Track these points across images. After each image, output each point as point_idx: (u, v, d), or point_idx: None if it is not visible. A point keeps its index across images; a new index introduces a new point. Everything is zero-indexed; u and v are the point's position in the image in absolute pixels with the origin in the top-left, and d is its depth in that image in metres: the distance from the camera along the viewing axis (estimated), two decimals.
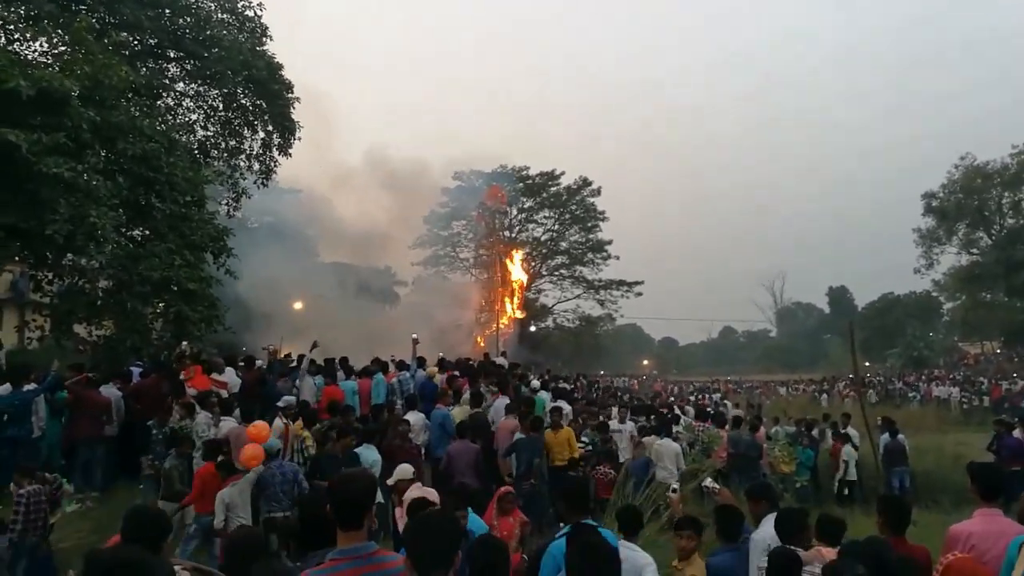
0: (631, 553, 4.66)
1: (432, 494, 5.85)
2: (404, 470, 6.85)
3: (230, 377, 11.72)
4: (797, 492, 13.62)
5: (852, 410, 18.27)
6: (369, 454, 8.42)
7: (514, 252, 43.73)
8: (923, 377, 42.10)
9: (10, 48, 13.79)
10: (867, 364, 53.44)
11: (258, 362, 13.24)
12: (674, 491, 6.25)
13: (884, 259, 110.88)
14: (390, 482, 6.87)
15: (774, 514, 5.02)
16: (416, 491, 6.33)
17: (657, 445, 11.72)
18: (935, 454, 17.51)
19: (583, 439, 11.61)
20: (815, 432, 16.02)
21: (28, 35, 14.64)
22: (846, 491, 14.45)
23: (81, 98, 12.29)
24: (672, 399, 28.02)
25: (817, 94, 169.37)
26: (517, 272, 42.48)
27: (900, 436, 14.98)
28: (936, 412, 29.80)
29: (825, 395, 38.06)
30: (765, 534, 5.01)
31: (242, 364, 12.46)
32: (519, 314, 42.54)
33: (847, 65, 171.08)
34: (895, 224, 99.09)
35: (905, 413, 25.97)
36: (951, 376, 40.64)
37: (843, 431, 15.72)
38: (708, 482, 6.45)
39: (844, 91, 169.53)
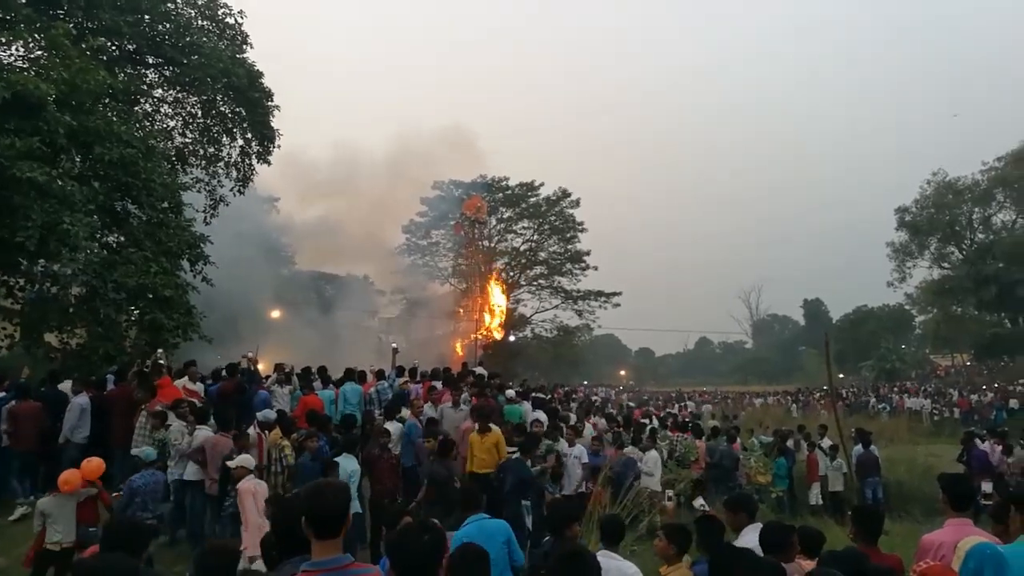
0: (615, 563, 4.67)
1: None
2: (245, 459, 7.52)
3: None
4: (774, 502, 13.73)
5: (827, 421, 18.47)
6: (348, 464, 8.34)
7: (492, 281, 43.68)
8: (895, 389, 42.65)
9: None
10: (841, 376, 54.05)
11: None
12: (670, 499, 6.32)
13: (858, 273, 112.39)
14: (231, 464, 7.53)
15: (755, 525, 5.05)
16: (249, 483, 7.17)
17: (638, 454, 11.84)
18: (907, 465, 17.76)
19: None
20: (790, 443, 16.15)
21: (4, 39, 14.45)
22: (821, 501, 14.58)
23: (57, 103, 12.16)
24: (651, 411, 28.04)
25: (792, 108, 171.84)
26: (498, 298, 42.43)
27: (873, 447, 15.17)
28: (908, 424, 30.20)
29: (795, 406, 38.39)
30: (747, 544, 5.05)
31: (224, 372, 12.31)
32: (498, 334, 42.56)
33: (823, 80, 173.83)
34: (869, 238, 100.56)
35: (877, 424, 26.27)
36: (922, 388, 41.19)
37: (819, 442, 15.88)
38: (699, 503, 6.50)
39: (820, 105, 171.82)
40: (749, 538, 5.11)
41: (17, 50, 14.67)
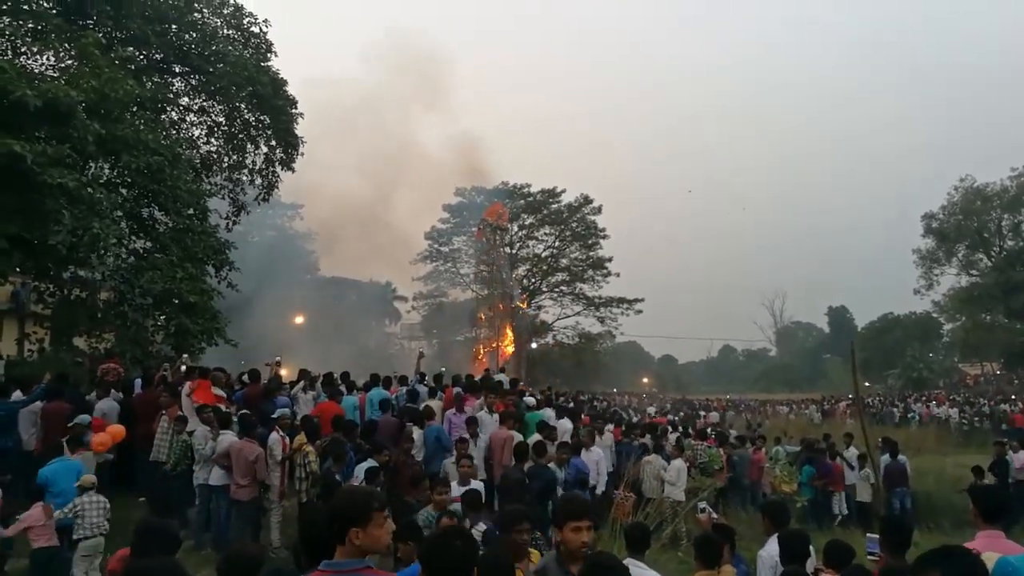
0: (639, 571, 4.62)
1: None
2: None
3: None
4: (800, 512, 13.56)
5: (853, 430, 18.22)
6: (363, 470, 8.34)
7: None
8: (923, 398, 41.99)
9: (17, 61, 13.88)
10: (867, 384, 53.35)
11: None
12: (702, 511, 6.25)
13: (884, 280, 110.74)
14: None
15: (777, 535, 5.02)
16: None
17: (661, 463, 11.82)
18: (935, 476, 17.46)
19: None
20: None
21: (36, 49, 14.75)
22: (845, 511, 14.39)
23: (87, 111, 12.36)
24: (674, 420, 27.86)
25: (818, 111, 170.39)
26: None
27: (901, 457, 14.92)
28: (936, 433, 29.67)
29: (819, 415, 37.86)
30: (772, 551, 5.03)
31: (246, 377, 12.41)
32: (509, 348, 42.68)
33: (849, 82, 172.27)
34: (895, 245, 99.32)
35: (904, 434, 25.85)
36: (951, 397, 40.52)
37: (843, 452, 15.66)
38: (704, 505, 6.44)
39: (845, 108, 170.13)
40: (773, 545, 5.08)
41: (48, 59, 14.97)
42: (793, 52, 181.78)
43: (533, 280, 52.55)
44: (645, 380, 78.69)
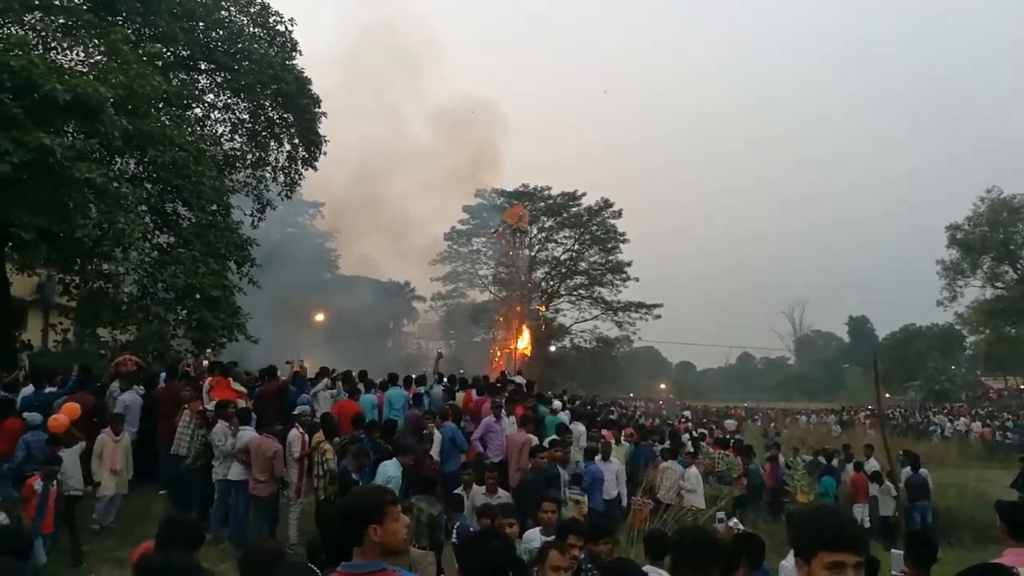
0: None
1: None
2: None
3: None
4: None
5: (874, 442, 17.98)
6: (388, 468, 8.33)
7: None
8: (945, 410, 41.44)
9: (47, 56, 14.06)
10: (887, 396, 52.74)
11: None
12: (720, 521, 6.19)
13: (905, 290, 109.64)
14: None
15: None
16: None
17: (676, 468, 11.73)
18: (957, 490, 17.18)
19: None
20: (834, 462, 15.78)
21: (66, 44, 14.92)
22: (868, 524, 14.19)
23: (114, 106, 12.47)
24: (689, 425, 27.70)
25: (841, 118, 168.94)
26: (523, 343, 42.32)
27: (923, 470, 14.71)
28: (958, 447, 29.26)
29: (838, 427, 37.41)
30: (789, 563, 4.97)
31: (265, 375, 12.46)
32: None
33: (873, 89, 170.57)
34: (917, 255, 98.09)
35: (926, 447, 25.49)
36: (974, 411, 39.97)
37: (865, 464, 15.46)
38: (733, 521, 6.37)
39: (870, 115, 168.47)
40: (792, 557, 5.01)
41: (78, 54, 15.15)
42: (816, 57, 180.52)
43: (552, 283, 52.49)
44: (663, 386, 78.37)
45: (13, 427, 9.08)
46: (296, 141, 21.97)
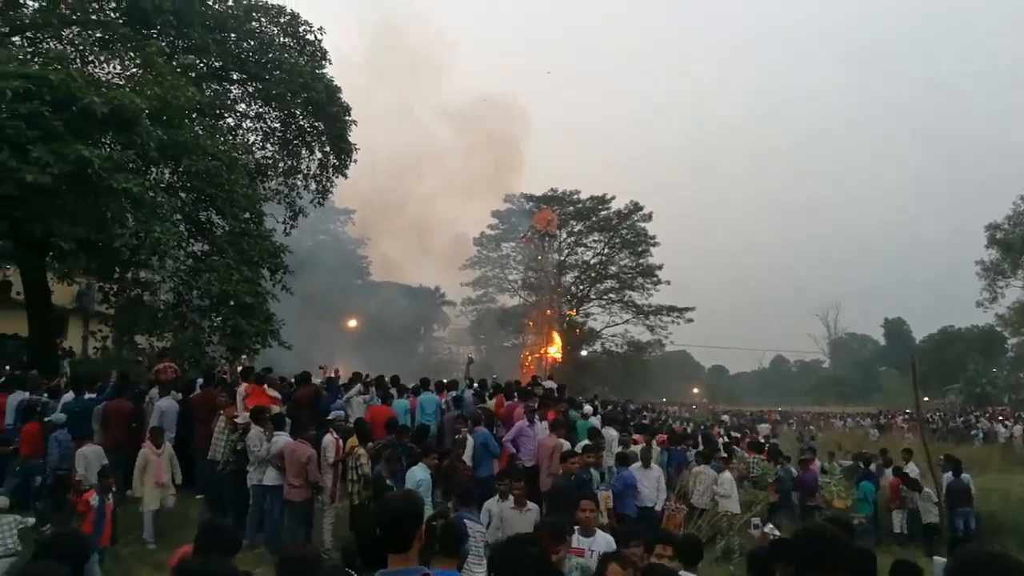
0: None
1: None
2: None
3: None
4: (856, 529, 13.15)
5: (913, 446, 17.60)
6: (418, 472, 8.34)
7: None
8: (986, 414, 40.47)
9: (85, 69, 14.39)
10: (926, 399, 51.68)
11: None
12: (755, 527, 6.11)
13: (942, 291, 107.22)
14: None
15: None
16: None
17: (709, 473, 11.61)
18: (1000, 495, 16.74)
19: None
20: (872, 467, 15.49)
21: (103, 57, 15.25)
22: (905, 530, 13.90)
23: (150, 117, 12.72)
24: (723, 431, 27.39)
25: (875, 116, 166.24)
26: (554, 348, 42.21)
27: (964, 476, 14.35)
28: (1001, 451, 28.54)
29: (875, 431, 36.68)
30: None
31: (299, 381, 12.59)
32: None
33: (908, 87, 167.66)
34: (954, 256, 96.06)
35: (967, 451, 24.90)
36: (1017, 414, 38.97)
37: (904, 468, 15.14)
38: (769, 527, 6.27)
39: (905, 111, 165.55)
40: None
41: (114, 67, 15.48)
42: (843, 59, 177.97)
43: (582, 287, 52.31)
44: (695, 390, 77.63)
45: (32, 431, 9.73)
46: (327, 149, 22.22)
